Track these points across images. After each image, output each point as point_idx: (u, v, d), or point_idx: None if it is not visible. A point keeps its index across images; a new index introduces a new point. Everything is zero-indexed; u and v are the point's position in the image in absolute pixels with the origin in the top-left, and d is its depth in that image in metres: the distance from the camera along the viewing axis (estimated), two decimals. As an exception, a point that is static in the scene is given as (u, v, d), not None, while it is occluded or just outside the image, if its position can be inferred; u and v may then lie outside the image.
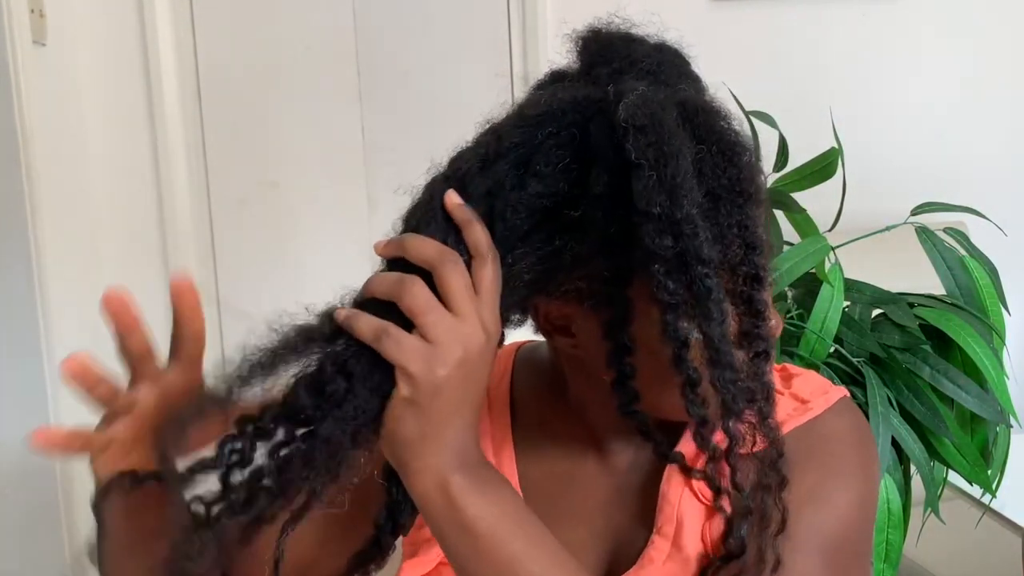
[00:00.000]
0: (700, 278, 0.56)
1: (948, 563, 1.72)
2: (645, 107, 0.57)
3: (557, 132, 0.59)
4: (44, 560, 1.55)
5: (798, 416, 0.74)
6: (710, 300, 0.56)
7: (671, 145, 0.55)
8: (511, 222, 0.59)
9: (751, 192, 0.58)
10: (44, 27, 1.59)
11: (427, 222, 0.59)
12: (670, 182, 0.55)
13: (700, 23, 2.17)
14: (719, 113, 0.60)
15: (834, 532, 0.70)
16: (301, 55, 2.03)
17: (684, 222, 0.55)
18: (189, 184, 1.98)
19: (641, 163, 0.55)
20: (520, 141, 0.59)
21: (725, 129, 0.59)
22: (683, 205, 0.55)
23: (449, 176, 0.60)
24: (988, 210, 1.30)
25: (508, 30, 2.09)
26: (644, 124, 0.56)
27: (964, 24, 2.33)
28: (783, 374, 0.79)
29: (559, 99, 0.61)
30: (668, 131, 0.56)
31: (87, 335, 1.79)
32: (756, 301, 0.59)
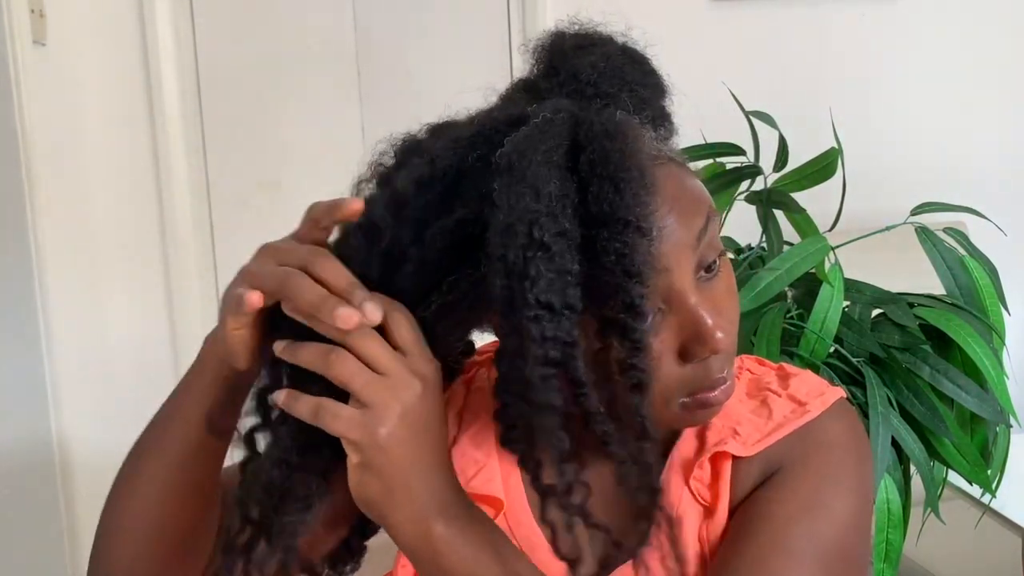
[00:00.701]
0: (524, 319, 0.56)
1: (948, 563, 1.72)
2: (521, 144, 0.58)
3: (486, 155, 0.60)
4: (44, 560, 1.55)
5: (795, 419, 0.74)
6: (531, 341, 0.56)
7: (523, 186, 0.56)
8: (440, 249, 0.60)
9: (630, 219, 0.57)
10: (44, 27, 1.59)
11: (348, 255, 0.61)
12: (509, 223, 0.56)
13: (700, 23, 2.17)
14: (616, 135, 0.60)
15: (832, 540, 0.70)
16: (301, 55, 2.03)
17: (514, 265, 0.56)
18: (189, 184, 1.98)
19: (499, 204, 0.57)
20: (451, 164, 0.60)
21: (615, 153, 0.58)
22: (516, 248, 0.55)
23: (385, 196, 0.62)
24: (988, 210, 1.30)
25: (508, 30, 2.09)
26: (512, 163, 0.57)
27: (964, 24, 2.33)
28: (780, 373, 0.79)
29: (492, 119, 0.62)
30: (528, 172, 0.57)
31: (87, 335, 1.80)
32: (631, 330, 0.58)
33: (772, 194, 1.23)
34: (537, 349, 0.57)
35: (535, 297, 0.56)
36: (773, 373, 0.79)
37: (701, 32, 2.16)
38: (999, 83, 2.38)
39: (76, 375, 1.64)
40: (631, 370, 0.60)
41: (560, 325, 0.57)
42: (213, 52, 1.99)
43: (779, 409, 0.75)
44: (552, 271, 0.56)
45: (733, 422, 0.74)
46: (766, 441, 0.73)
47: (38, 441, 1.52)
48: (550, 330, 0.56)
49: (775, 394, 0.76)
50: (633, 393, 0.60)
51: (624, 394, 0.61)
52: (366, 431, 0.58)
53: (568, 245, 0.57)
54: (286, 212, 2.38)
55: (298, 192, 2.05)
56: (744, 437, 0.73)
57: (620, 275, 0.57)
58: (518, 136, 0.59)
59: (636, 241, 0.57)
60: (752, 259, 1.28)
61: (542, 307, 0.56)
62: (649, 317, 0.60)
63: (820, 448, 0.73)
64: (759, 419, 0.74)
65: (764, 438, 0.73)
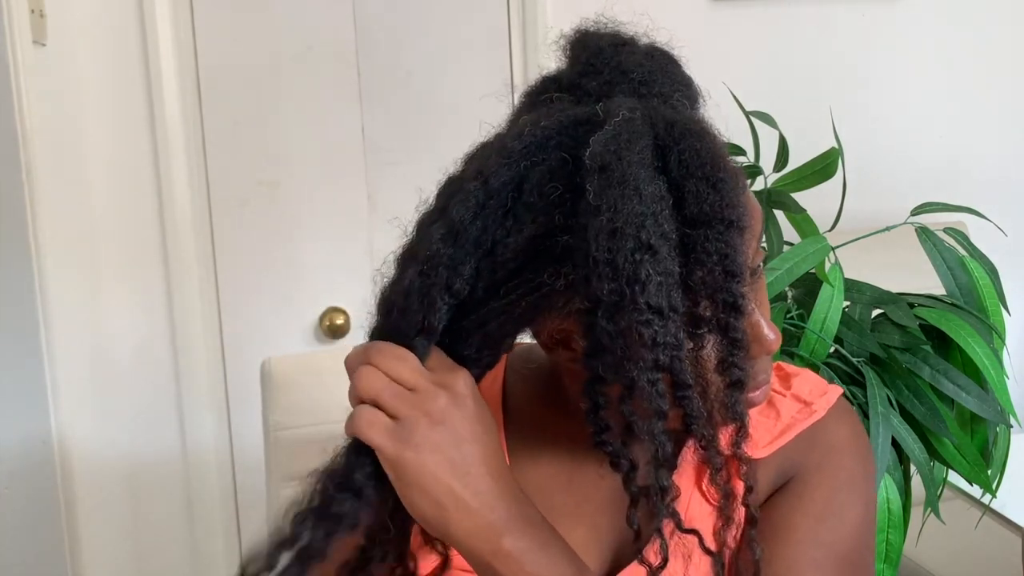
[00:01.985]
0: (635, 324, 0.55)
1: (948, 563, 1.72)
2: (611, 144, 0.57)
3: (545, 161, 0.59)
4: (44, 560, 1.55)
5: (803, 419, 0.75)
6: (642, 346, 0.56)
7: (625, 188, 0.55)
8: (507, 265, 0.60)
9: (732, 219, 0.57)
10: (44, 27, 1.59)
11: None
12: (616, 227, 0.55)
13: (700, 23, 2.17)
14: (703, 135, 0.59)
15: (847, 546, 0.71)
16: (301, 55, 2.03)
17: (624, 269, 0.55)
18: (189, 184, 1.98)
19: (598, 206, 0.55)
20: (508, 180, 0.59)
21: (707, 153, 0.58)
22: (625, 250, 0.55)
23: (442, 224, 0.60)
24: (988, 210, 1.30)
25: (508, 30, 2.09)
26: (607, 164, 0.56)
27: (964, 24, 2.33)
28: (780, 373, 0.80)
29: (543, 127, 0.60)
30: (628, 172, 0.56)
31: (87, 335, 1.79)
32: (732, 329, 0.59)
33: (772, 194, 1.23)
34: (648, 354, 0.56)
35: (646, 301, 0.55)
36: (773, 373, 0.79)
37: (701, 32, 2.16)
38: (999, 83, 2.38)
39: (76, 375, 1.64)
40: (731, 368, 0.60)
41: (668, 329, 0.56)
42: (213, 52, 1.99)
43: (786, 410, 0.75)
44: (660, 274, 0.55)
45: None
46: (777, 443, 0.74)
47: (38, 441, 1.52)
48: (660, 335, 0.56)
49: (779, 394, 0.77)
50: (732, 390, 0.60)
51: (721, 392, 0.60)
52: (398, 440, 0.58)
53: (671, 247, 0.56)
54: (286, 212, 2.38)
55: (298, 192, 2.05)
56: (755, 439, 0.73)
57: (721, 275, 0.57)
58: (603, 136, 0.58)
59: (736, 240, 0.57)
60: (752, 259, 1.28)
61: (652, 311, 0.55)
62: (746, 315, 0.60)
63: (831, 455, 0.74)
64: (768, 420, 0.75)
65: (774, 440, 0.74)
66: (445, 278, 0.59)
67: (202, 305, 2.01)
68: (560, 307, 0.61)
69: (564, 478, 0.75)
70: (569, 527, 0.71)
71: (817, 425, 0.75)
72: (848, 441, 0.75)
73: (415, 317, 0.60)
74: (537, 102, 0.67)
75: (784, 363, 0.82)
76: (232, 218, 2.04)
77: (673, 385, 0.58)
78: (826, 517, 0.71)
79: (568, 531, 0.70)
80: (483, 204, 0.59)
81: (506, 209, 0.59)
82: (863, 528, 0.73)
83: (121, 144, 1.92)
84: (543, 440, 0.76)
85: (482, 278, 0.60)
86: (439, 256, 0.59)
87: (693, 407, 0.59)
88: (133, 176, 1.94)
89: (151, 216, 1.96)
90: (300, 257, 2.06)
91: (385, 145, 2.05)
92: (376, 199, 2.05)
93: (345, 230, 2.05)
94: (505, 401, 0.79)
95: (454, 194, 0.61)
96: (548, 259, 0.59)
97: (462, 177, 0.62)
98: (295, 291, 2.06)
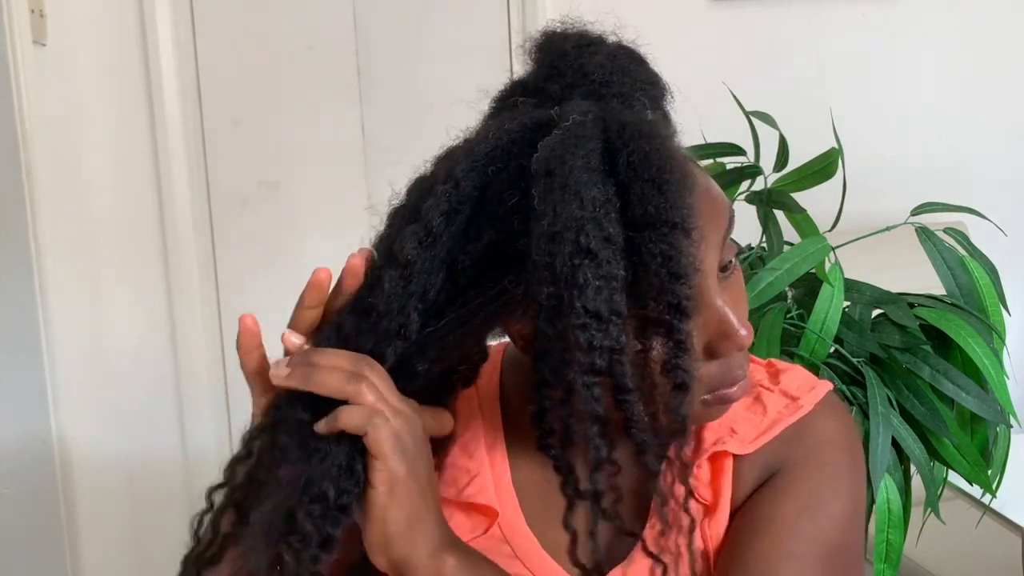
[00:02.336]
0: (571, 328, 0.56)
1: (948, 563, 1.72)
2: (557, 149, 0.57)
3: (506, 167, 0.60)
4: (44, 560, 1.55)
5: (789, 414, 0.74)
6: (579, 350, 0.56)
7: (566, 193, 0.56)
8: (470, 272, 0.60)
9: (676, 221, 0.57)
10: (44, 27, 1.59)
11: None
12: (555, 231, 0.55)
13: (700, 23, 2.17)
14: (653, 136, 0.59)
15: (832, 540, 0.70)
16: (301, 55, 2.03)
17: (561, 273, 0.55)
18: (189, 184, 1.98)
19: (542, 210, 0.56)
20: (476, 185, 0.60)
21: (656, 155, 0.58)
22: (563, 255, 0.55)
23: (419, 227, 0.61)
24: (988, 210, 1.30)
25: (508, 30, 2.09)
26: (551, 169, 0.57)
27: (964, 24, 2.33)
28: (770, 369, 0.79)
29: (505, 130, 0.61)
30: (570, 177, 0.56)
31: (87, 335, 1.80)
32: (677, 331, 0.58)
33: (772, 194, 1.23)
34: (584, 357, 0.56)
35: (583, 305, 0.55)
36: (763, 369, 0.80)
37: (701, 32, 2.16)
38: (1000, 83, 2.38)
39: (76, 375, 1.64)
40: (675, 370, 0.60)
41: (608, 333, 0.56)
42: (213, 52, 1.99)
43: (773, 405, 0.75)
44: (599, 278, 0.56)
45: (729, 421, 0.74)
46: (763, 438, 0.73)
47: (38, 441, 1.51)
48: (598, 339, 0.56)
49: (767, 390, 0.77)
50: (676, 393, 0.60)
51: (666, 395, 0.60)
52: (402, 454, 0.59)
53: (613, 251, 0.56)
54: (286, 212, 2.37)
55: (298, 192, 2.05)
56: (741, 435, 0.73)
57: (666, 277, 0.57)
58: (551, 141, 0.58)
59: (681, 242, 0.57)
60: (752, 259, 1.28)
61: (590, 315, 0.56)
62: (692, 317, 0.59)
63: (817, 449, 0.73)
64: (754, 416, 0.75)
65: (761, 435, 0.74)
66: (422, 286, 0.60)
67: (202, 305, 2.01)
68: (521, 314, 0.62)
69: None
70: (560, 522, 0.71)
71: (804, 420, 0.74)
72: (834, 435, 0.75)
73: (393, 324, 0.60)
74: (504, 107, 0.68)
75: (776, 360, 0.81)
76: (232, 218, 2.04)
77: (614, 389, 0.58)
78: (811, 508, 0.70)
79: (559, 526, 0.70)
80: (455, 209, 0.60)
81: (470, 215, 0.60)
82: (849, 524, 0.72)
83: (121, 144, 1.92)
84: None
85: (444, 287, 0.61)
86: (416, 262, 0.60)
87: (633, 411, 0.59)
88: (133, 176, 1.94)
89: (151, 216, 1.96)
90: (300, 257, 2.06)
91: (385, 145, 2.05)
92: (376, 199, 2.05)
93: (345, 230, 2.05)
94: (502, 398, 0.79)
95: (426, 195, 0.61)
96: (508, 266, 0.60)
97: (433, 178, 0.63)
98: (295, 291, 2.05)
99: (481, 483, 0.75)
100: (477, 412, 0.78)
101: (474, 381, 0.76)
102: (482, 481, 0.75)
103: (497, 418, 0.78)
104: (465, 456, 0.76)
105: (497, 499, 0.75)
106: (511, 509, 0.75)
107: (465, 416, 0.78)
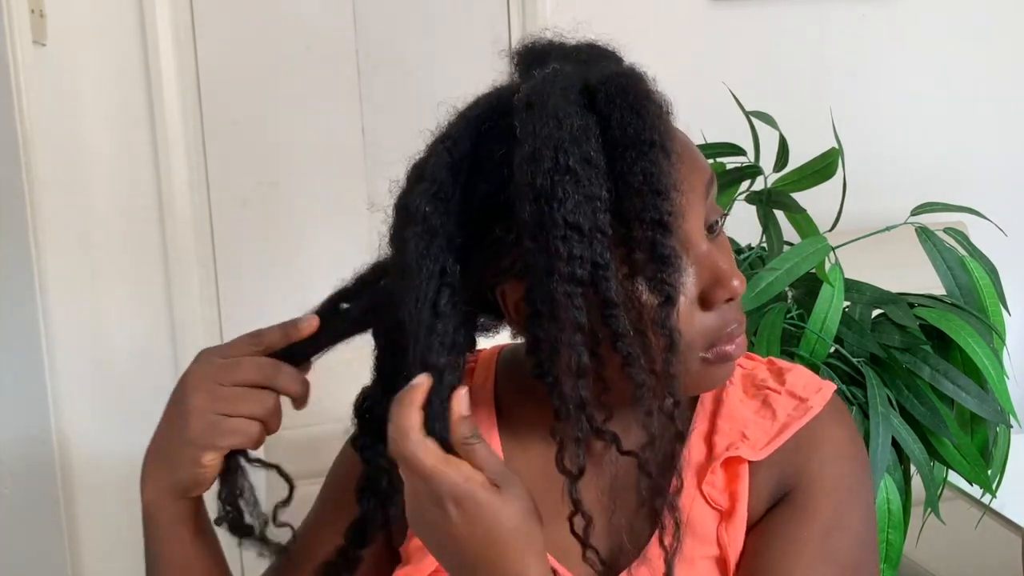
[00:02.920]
0: (552, 239, 0.59)
1: (948, 563, 1.72)
2: (537, 86, 0.62)
3: (496, 124, 0.64)
4: (44, 560, 1.55)
5: (799, 417, 0.74)
6: (559, 259, 0.59)
7: (545, 117, 0.59)
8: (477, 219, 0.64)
9: (654, 140, 0.60)
10: (44, 27, 1.59)
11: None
12: (535, 150, 0.59)
13: (700, 23, 2.17)
14: (631, 75, 0.64)
15: (854, 557, 0.71)
16: (301, 55, 2.03)
17: (541, 188, 0.58)
18: (189, 184, 1.98)
19: (523, 139, 0.60)
20: (471, 141, 0.65)
21: (632, 87, 0.62)
22: (543, 171, 0.58)
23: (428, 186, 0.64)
24: (988, 210, 1.30)
25: (508, 30, 2.09)
26: (532, 102, 0.61)
27: (964, 24, 2.33)
28: (773, 368, 0.80)
29: (495, 93, 0.67)
30: (549, 104, 0.60)
31: (87, 335, 1.80)
32: (660, 246, 0.61)
33: (772, 194, 1.23)
34: (565, 267, 0.59)
35: (563, 217, 0.58)
36: (765, 368, 0.80)
37: (701, 32, 2.16)
38: (999, 83, 2.38)
39: (76, 375, 1.64)
40: (661, 284, 0.62)
41: (591, 247, 0.59)
42: (213, 52, 1.99)
43: (782, 408, 0.75)
44: (580, 194, 0.59)
45: (740, 425, 0.74)
46: (775, 443, 0.74)
47: (38, 441, 1.51)
48: (578, 249, 0.59)
49: (774, 392, 0.77)
50: (663, 307, 0.62)
51: (654, 312, 0.62)
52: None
53: (595, 172, 0.59)
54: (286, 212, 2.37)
55: (298, 192, 2.05)
56: (753, 440, 0.73)
57: (648, 194, 0.60)
58: (532, 82, 0.63)
59: (661, 161, 0.60)
60: (752, 259, 1.28)
61: (570, 227, 0.58)
62: (675, 231, 0.62)
63: (833, 463, 0.73)
64: (764, 420, 0.75)
65: (772, 440, 0.74)
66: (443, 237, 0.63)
67: (202, 305, 2.01)
68: (510, 267, 0.64)
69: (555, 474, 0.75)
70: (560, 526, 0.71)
71: (816, 428, 0.74)
72: (847, 445, 0.75)
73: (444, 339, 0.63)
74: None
75: (776, 358, 0.81)
76: (232, 218, 2.04)
77: (601, 304, 0.60)
78: (833, 529, 0.71)
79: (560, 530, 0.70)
80: (456, 164, 0.64)
81: (469, 170, 0.64)
82: (867, 538, 0.73)
83: (121, 144, 1.92)
84: (535, 436, 0.77)
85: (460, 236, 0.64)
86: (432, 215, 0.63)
87: (619, 324, 0.61)
88: (133, 176, 1.94)
89: (151, 216, 1.96)
90: (300, 257, 2.06)
91: (385, 145, 2.05)
92: (376, 199, 2.05)
93: (345, 230, 2.05)
94: (497, 399, 0.79)
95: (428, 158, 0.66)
96: (499, 215, 0.62)
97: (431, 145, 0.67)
98: (295, 291, 2.06)
99: None
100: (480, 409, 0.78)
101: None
102: None
103: (492, 420, 0.78)
104: None
105: None
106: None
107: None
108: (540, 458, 0.76)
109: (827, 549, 0.70)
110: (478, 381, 0.80)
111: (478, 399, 0.79)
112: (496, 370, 0.81)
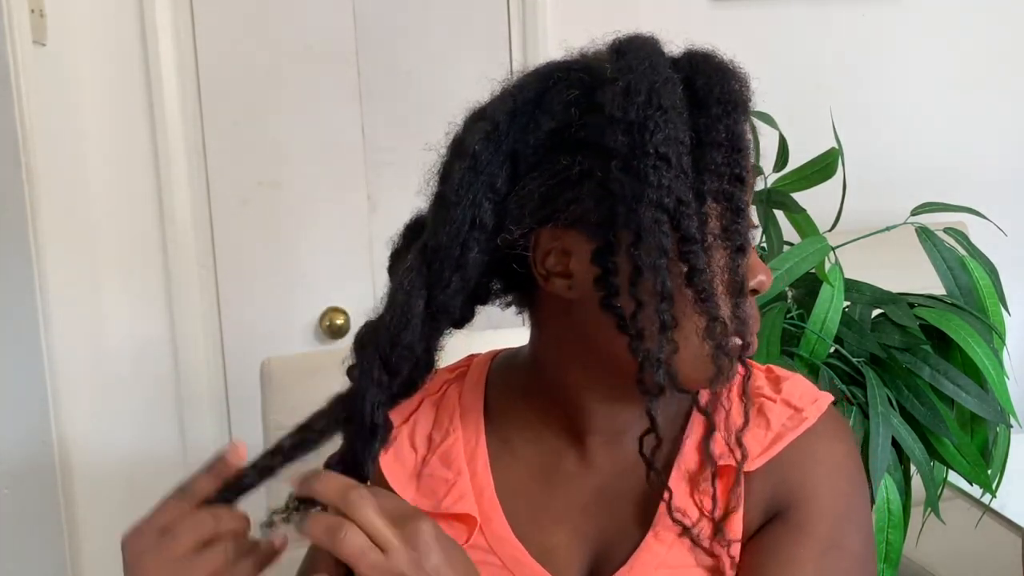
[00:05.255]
0: (644, 166, 0.61)
1: (948, 563, 1.72)
2: (625, 40, 0.67)
3: (566, 77, 0.67)
4: (44, 560, 1.55)
5: (794, 427, 0.74)
6: (649, 186, 0.61)
7: (641, 62, 0.63)
8: (531, 159, 0.66)
9: (738, 101, 0.65)
10: (44, 27, 1.59)
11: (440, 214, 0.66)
12: (629, 85, 0.62)
13: (700, 23, 2.17)
14: (716, 57, 0.68)
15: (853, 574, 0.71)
16: (301, 55, 2.03)
17: (635, 119, 0.61)
18: (189, 184, 1.98)
19: (615, 78, 0.63)
20: (538, 91, 0.67)
21: (719, 63, 0.67)
22: (637, 104, 0.62)
23: (484, 125, 0.67)
24: (988, 210, 1.30)
25: (508, 30, 2.09)
26: (625, 50, 0.65)
27: (964, 24, 2.33)
28: (770, 376, 0.79)
29: (566, 59, 0.70)
30: (643, 52, 0.64)
31: (87, 335, 1.79)
32: (736, 199, 0.65)
33: (772, 194, 1.23)
34: (654, 194, 0.61)
35: (654, 148, 0.61)
36: (762, 375, 0.79)
37: (701, 32, 2.15)
38: (999, 83, 2.38)
39: (76, 375, 1.64)
40: (735, 234, 0.65)
41: (677, 180, 0.62)
42: (213, 52, 1.99)
43: (776, 418, 0.75)
44: (669, 131, 0.62)
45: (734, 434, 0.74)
46: (769, 453, 0.73)
47: (38, 441, 1.51)
48: (667, 178, 0.61)
49: (770, 400, 0.76)
50: (735, 256, 0.65)
51: (726, 259, 0.66)
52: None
53: (680, 119, 0.63)
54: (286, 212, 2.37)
55: (298, 192, 2.05)
56: (746, 449, 0.73)
57: (730, 149, 0.64)
58: (620, 36, 0.68)
59: (742, 120, 0.65)
60: (752, 259, 1.28)
61: (660, 158, 0.61)
62: (751, 189, 0.67)
63: (829, 480, 0.73)
64: (759, 429, 0.75)
65: (767, 449, 0.73)
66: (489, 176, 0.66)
67: (202, 305, 2.01)
68: (565, 209, 0.65)
69: (543, 479, 0.75)
70: (549, 528, 0.71)
71: (812, 442, 0.74)
72: (844, 460, 0.75)
73: (466, 214, 0.65)
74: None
75: (775, 366, 0.81)
76: (232, 218, 2.04)
77: (679, 241, 0.63)
78: (830, 549, 0.70)
79: (548, 532, 0.70)
80: (519, 109, 0.66)
81: (531, 113, 0.66)
82: (865, 554, 0.73)
83: (121, 144, 1.92)
84: (523, 441, 0.77)
85: (509, 178, 0.67)
86: (482, 153, 0.66)
87: (699, 261, 0.63)
88: (133, 176, 1.94)
89: (151, 216, 1.96)
90: (300, 257, 2.05)
91: (385, 145, 2.05)
92: (376, 199, 2.05)
93: (345, 230, 2.05)
94: (487, 406, 0.79)
95: (492, 102, 0.69)
96: (564, 148, 0.65)
97: (498, 93, 0.70)
98: (295, 291, 2.06)
99: (459, 491, 0.75)
100: (457, 422, 0.78)
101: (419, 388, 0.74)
102: (460, 489, 0.75)
103: (479, 426, 0.78)
104: (443, 467, 0.76)
105: (480, 510, 0.74)
106: (497, 519, 0.74)
107: (445, 426, 0.78)
108: (527, 462, 0.76)
109: (825, 569, 0.69)
110: (466, 389, 0.80)
111: (465, 407, 0.79)
112: (488, 376, 0.81)
